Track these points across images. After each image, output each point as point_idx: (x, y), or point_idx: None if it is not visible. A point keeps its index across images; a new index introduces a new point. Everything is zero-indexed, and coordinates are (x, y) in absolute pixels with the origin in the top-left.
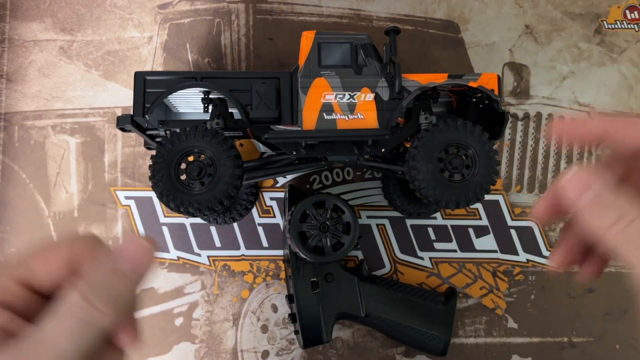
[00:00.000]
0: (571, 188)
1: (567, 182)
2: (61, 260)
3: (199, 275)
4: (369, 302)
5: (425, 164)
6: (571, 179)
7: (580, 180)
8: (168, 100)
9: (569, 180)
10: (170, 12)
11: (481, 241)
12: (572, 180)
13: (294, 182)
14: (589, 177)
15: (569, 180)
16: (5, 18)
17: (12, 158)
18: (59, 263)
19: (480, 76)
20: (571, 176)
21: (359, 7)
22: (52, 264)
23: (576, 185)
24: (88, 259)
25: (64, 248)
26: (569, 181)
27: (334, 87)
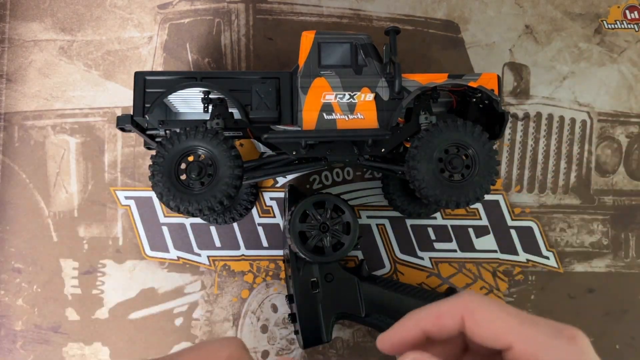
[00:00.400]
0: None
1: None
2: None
3: (199, 275)
4: (369, 302)
5: (425, 164)
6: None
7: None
8: (168, 100)
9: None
10: (170, 12)
11: (481, 241)
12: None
13: (294, 182)
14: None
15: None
16: (5, 18)
17: (12, 158)
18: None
19: (480, 76)
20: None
21: (359, 7)
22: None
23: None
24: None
25: (216, 355)
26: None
27: (334, 87)
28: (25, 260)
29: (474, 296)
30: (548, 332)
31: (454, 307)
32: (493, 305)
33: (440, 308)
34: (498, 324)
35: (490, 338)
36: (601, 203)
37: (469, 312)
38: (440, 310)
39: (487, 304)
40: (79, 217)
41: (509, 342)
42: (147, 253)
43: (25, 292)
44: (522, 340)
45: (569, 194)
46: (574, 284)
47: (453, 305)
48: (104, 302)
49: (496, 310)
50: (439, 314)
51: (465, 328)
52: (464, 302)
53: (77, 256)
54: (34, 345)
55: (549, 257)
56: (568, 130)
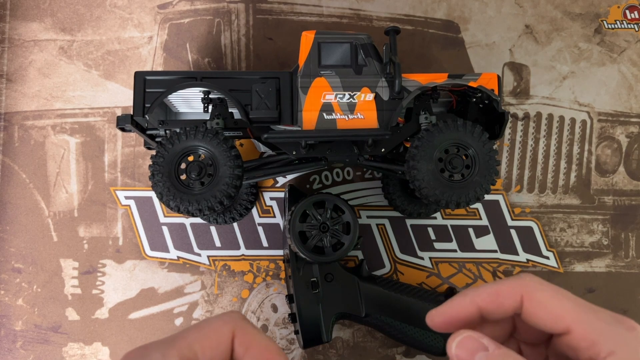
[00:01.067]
0: (461, 354)
1: (457, 349)
2: (218, 341)
3: (199, 275)
4: (369, 302)
5: (425, 164)
6: (460, 343)
7: (468, 345)
8: (168, 100)
9: (458, 346)
10: (170, 12)
11: (481, 241)
12: (461, 346)
13: (294, 182)
14: (476, 343)
15: (458, 346)
16: (5, 18)
17: (12, 158)
18: (217, 344)
19: (480, 76)
20: (459, 341)
21: (359, 7)
22: (211, 346)
23: (465, 351)
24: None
25: (219, 331)
26: (458, 347)
27: (334, 87)
28: (25, 260)
29: (534, 278)
30: (608, 319)
31: (515, 287)
32: (553, 289)
33: (500, 287)
34: (558, 307)
35: (549, 321)
36: (601, 203)
37: (529, 293)
38: (500, 288)
39: (547, 286)
40: (79, 217)
41: (567, 326)
42: (147, 253)
43: (25, 292)
44: (581, 325)
45: (569, 194)
46: (574, 284)
47: (513, 285)
48: (104, 302)
49: (557, 293)
50: (498, 292)
51: (522, 309)
52: (524, 282)
53: (77, 256)
54: (34, 345)
55: (549, 257)
56: (568, 130)
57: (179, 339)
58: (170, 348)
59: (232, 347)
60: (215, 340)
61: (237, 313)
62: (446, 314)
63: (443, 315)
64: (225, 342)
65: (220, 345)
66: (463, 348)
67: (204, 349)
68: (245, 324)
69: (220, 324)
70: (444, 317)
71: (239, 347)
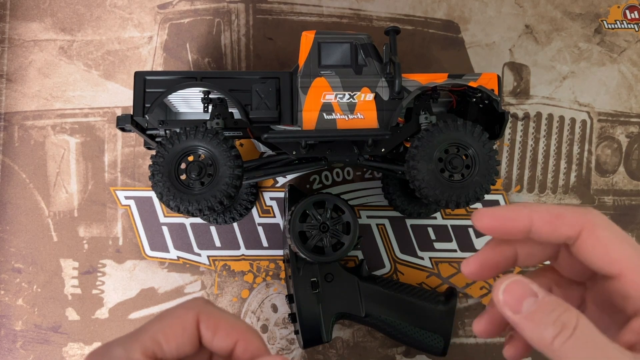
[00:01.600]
0: (508, 300)
1: (504, 294)
2: (183, 329)
3: (199, 275)
4: (369, 302)
5: (425, 164)
6: (508, 288)
7: (516, 291)
8: (168, 100)
9: (506, 291)
10: (170, 12)
11: (481, 241)
12: (508, 292)
13: (294, 182)
14: (525, 288)
15: (506, 291)
16: (5, 18)
17: (12, 158)
18: (182, 332)
19: (480, 76)
20: (506, 286)
21: (359, 7)
22: (175, 334)
23: (513, 297)
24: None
25: (182, 318)
26: (506, 292)
27: (334, 87)
28: (25, 260)
29: (601, 215)
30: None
31: (579, 217)
32: (617, 230)
33: (564, 211)
34: (617, 248)
35: (603, 260)
36: (601, 203)
37: (591, 227)
38: (563, 213)
39: (610, 225)
40: (79, 217)
41: (621, 269)
42: (147, 253)
43: (25, 292)
44: (636, 272)
45: (569, 194)
46: None
47: (578, 215)
48: (104, 302)
49: (619, 235)
50: (560, 215)
51: (577, 241)
52: (589, 216)
53: (77, 256)
54: (34, 345)
55: None
56: (568, 130)
57: (141, 332)
58: (132, 342)
59: (199, 332)
60: (179, 328)
61: (200, 299)
62: (497, 216)
63: (494, 216)
64: (190, 328)
65: (185, 332)
66: (511, 293)
67: (167, 338)
68: (210, 308)
69: (183, 311)
70: (493, 217)
71: (205, 331)
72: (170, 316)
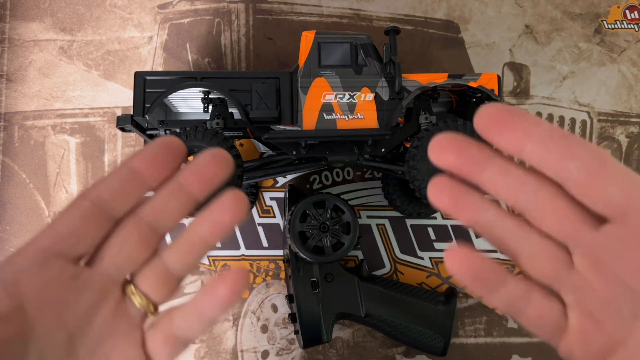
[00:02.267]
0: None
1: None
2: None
3: (199, 275)
4: (369, 302)
5: (425, 164)
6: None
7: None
8: (168, 100)
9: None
10: (170, 12)
11: (481, 241)
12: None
13: (294, 182)
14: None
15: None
16: (5, 18)
17: (12, 158)
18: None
19: (480, 76)
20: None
21: (359, 7)
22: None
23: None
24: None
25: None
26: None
27: (334, 87)
28: None
29: (607, 151)
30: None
31: (591, 150)
32: (626, 168)
33: (573, 137)
34: (628, 184)
35: (610, 197)
36: None
37: (602, 161)
38: (575, 140)
39: (617, 162)
40: None
41: (626, 209)
42: None
43: None
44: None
45: None
46: None
47: (590, 147)
48: None
49: (629, 172)
50: (573, 142)
51: (582, 176)
52: (601, 150)
53: None
54: None
55: None
56: (568, 130)
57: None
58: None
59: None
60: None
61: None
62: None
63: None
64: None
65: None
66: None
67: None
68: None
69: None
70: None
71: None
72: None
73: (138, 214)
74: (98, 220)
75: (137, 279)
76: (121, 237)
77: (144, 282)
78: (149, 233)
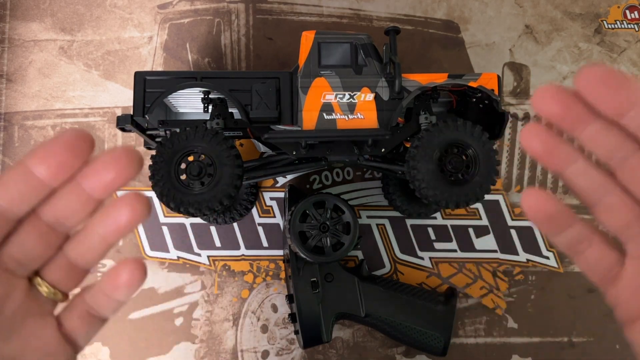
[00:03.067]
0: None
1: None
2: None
3: (199, 275)
4: (369, 302)
5: (425, 164)
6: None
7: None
8: (168, 100)
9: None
10: (170, 12)
11: (481, 241)
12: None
13: (294, 182)
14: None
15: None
16: (5, 18)
17: (12, 158)
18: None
19: (480, 76)
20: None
21: (359, 7)
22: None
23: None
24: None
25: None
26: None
27: (334, 87)
28: None
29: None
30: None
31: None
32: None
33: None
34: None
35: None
36: None
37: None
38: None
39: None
40: None
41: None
42: (147, 253)
43: None
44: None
45: (569, 193)
46: (574, 284)
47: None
48: None
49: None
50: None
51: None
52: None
53: None
54: None
55: (549, 257)
56: None
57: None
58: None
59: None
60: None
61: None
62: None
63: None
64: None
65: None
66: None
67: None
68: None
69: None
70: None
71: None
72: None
73: (38, 214)
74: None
75: (44, 272)
76: (20, 236)
77: (50, 274)
78: (49, 232)
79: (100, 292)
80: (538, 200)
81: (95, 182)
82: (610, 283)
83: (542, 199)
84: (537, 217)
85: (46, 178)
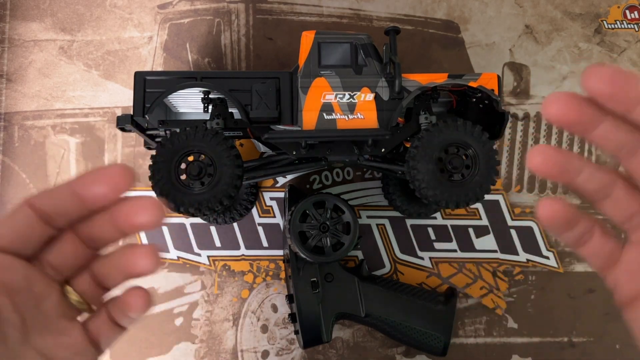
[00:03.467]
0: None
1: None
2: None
3: (199, 275)
4: (369, 302)
5: (425, 164)
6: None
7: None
8: (168, 100)
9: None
10: (170, 12)
11: (481, 241)
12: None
13: (294, 182)
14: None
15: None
16: (5, 18)
17: (12, 158)
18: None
19: (480, 76)
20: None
21: (359, 7)
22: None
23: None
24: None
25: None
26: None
27: (334, 87)
28: None
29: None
30: None
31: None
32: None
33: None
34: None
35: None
36: None
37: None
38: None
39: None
40: None
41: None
42: None
43: None
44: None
45: (569, 193)
46: (574, 284)
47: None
48: None
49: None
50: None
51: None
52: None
53: None
54: None
55: (549, 257)
56: None
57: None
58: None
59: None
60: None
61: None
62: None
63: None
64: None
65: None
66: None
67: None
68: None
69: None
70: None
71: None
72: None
73: (76, 229)
74: (40, 227)
75: (74, 282)
76: (59, 245)
77: (79, 285)
78: (81, 249)
79: (117, 307)
80: (554, 210)
81: (127, 220)
82: (609, 268)
83: (558, 207)
84: (555, 226)
85: (86, 200)
